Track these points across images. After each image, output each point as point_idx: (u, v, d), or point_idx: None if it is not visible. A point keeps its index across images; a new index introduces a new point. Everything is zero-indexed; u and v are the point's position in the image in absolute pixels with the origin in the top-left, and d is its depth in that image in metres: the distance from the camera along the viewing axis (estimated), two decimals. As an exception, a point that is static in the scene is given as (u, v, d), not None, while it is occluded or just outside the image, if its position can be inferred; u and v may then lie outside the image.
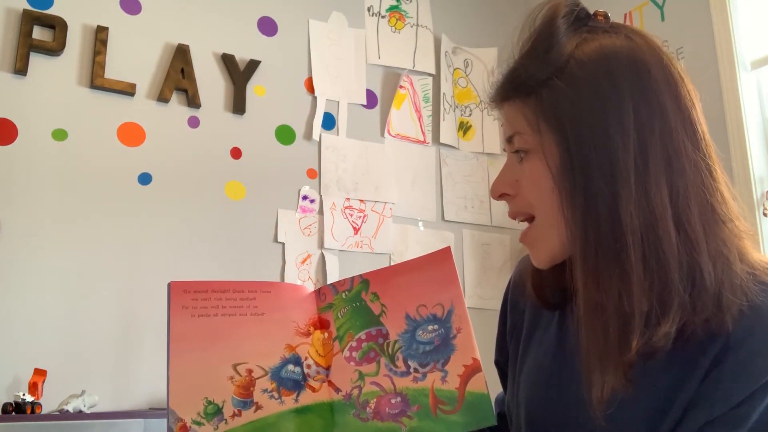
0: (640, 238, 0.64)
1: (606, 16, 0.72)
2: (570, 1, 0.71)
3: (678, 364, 0.66)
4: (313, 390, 0.74)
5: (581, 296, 0.67)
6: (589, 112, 0.66)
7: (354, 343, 0.75)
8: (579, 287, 0.67)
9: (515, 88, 0.72)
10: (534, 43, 0.70)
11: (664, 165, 0.66)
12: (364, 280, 0.77)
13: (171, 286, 0.72)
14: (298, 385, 0.74)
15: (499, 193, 0.75)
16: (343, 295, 0.77)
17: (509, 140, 0.73)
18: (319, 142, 2.74)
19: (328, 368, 0.75)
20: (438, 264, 0.76)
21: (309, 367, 0.75)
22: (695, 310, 0.64)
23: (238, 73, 2.63)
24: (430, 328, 0.74)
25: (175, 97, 2.50)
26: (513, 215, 0.75)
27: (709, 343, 0.64)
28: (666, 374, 0.66)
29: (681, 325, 0.64)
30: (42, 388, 1.99)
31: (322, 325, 0.77)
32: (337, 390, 0.74)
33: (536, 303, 0.83)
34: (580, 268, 0.67)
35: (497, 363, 0.94)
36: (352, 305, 0.77)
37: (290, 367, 0.74)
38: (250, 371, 0.72)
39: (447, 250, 0.76)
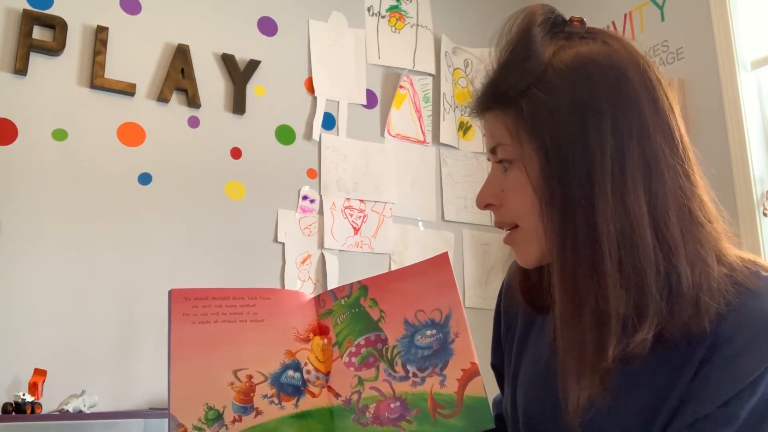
0: (616, 246, 0.64)
1: (582, 22, 0.72)
2: (545, 8, 0.71)
3: (664, 370, 0.67)
4: (313, 395, 0.74)
5: (558, 304, 0.67)
6: (567, 121, 0.66)
7: (353, 349, 0.76)
8: (556, 295, 0.67)
9: (495, 99, 0.71)
10: (511, 53, 0.70)
11: (642, 171, 0.66)
12: (363, 286, 0.78)
13: (171, 294, 0.72)
14: (297, 390, 0.74)
15: (484, 203, 0.75)
16: (342, 302, 0.78)
17: (492, 151, 0.73)
18: (319, 142, 2.75)
19: (327, 374, 0.76)
20: (436, 269, 0.77)
21: (309, 372, 0.75)
22: (672, 314, 0.64)
23: (238, 73, 2.63)
24: (428, 333, 0.75)
25: (175, 97, 2.50)
26: (499, 225, 0.75)
27: (693, 346, 0.65)
28: (652, 381, 0.67)
29: (658, 330, 0.64)
30: (42, 388, 2.00)
31: (321, 331, 0.77)
32: (337, 395, 0.75)
33: (526, 308, 0.83)
34: (557, 276, 0.67)
35: (493, 366, 0.94)
36: (351, 311, 0.77)
37: (290, 372, 0.74)
38: (250, 377, 0.73)
39: (444, 255, 0.77)
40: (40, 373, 2.01)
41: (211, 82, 2.59)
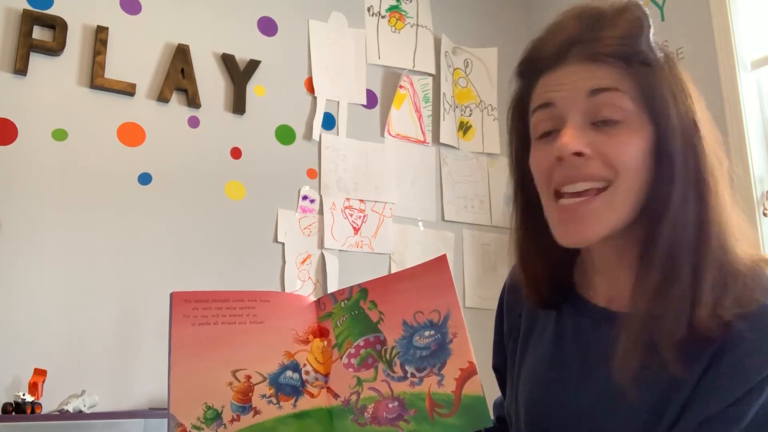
0: (717, 231, 0.68)
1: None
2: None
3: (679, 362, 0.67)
4: (312, 396, 0.75)
5: (653, 274, 0.68)
6: (682, 102, 0.71)
7: (352, 350, 0.76)
8: (655, 261, 0.68)
9: (622, 57, 0.70)
10: (642, 25, 0.71)
11: (718, 163, 0.72)
12: (363, 289, 0.79)
13: (173, 296, 0.74)
14: (296, 390, 0.75)
15: (575, 150, 0.69)
16: (342, 304, 0.79)
17: (594, 92, 0.70)
18: (319, 142, 2.75)
19: (326, 375, 0.77)
20: (434, 271, 0.78)
21: (307, 373, 0.76)
22: (717, 303, 0.66)
23: (238, 73, 2.63)
24: (426, 333, 0.75)
25: (175, 97, 2.51)
26: (588, 177, 0.70)
27: (707, 340, 0.66)
28: (665, 372, 0.67)
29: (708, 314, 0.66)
30: (42, 388, 2.00)
31: (321, 333, 0.78)
32: (336, 396, 0.75)
33: (533, 302, 0.83)
34: (662, 245, 0.68)
35: (496, 368, 0.94)
36: (350, 313, 0.78)
37: (288, 373, 0.75)
38: (248, 377, 0.74)
39: (443, 258, 0.78)
40: (40, 373, 2.01)
41: (211, 82, 2.59)
